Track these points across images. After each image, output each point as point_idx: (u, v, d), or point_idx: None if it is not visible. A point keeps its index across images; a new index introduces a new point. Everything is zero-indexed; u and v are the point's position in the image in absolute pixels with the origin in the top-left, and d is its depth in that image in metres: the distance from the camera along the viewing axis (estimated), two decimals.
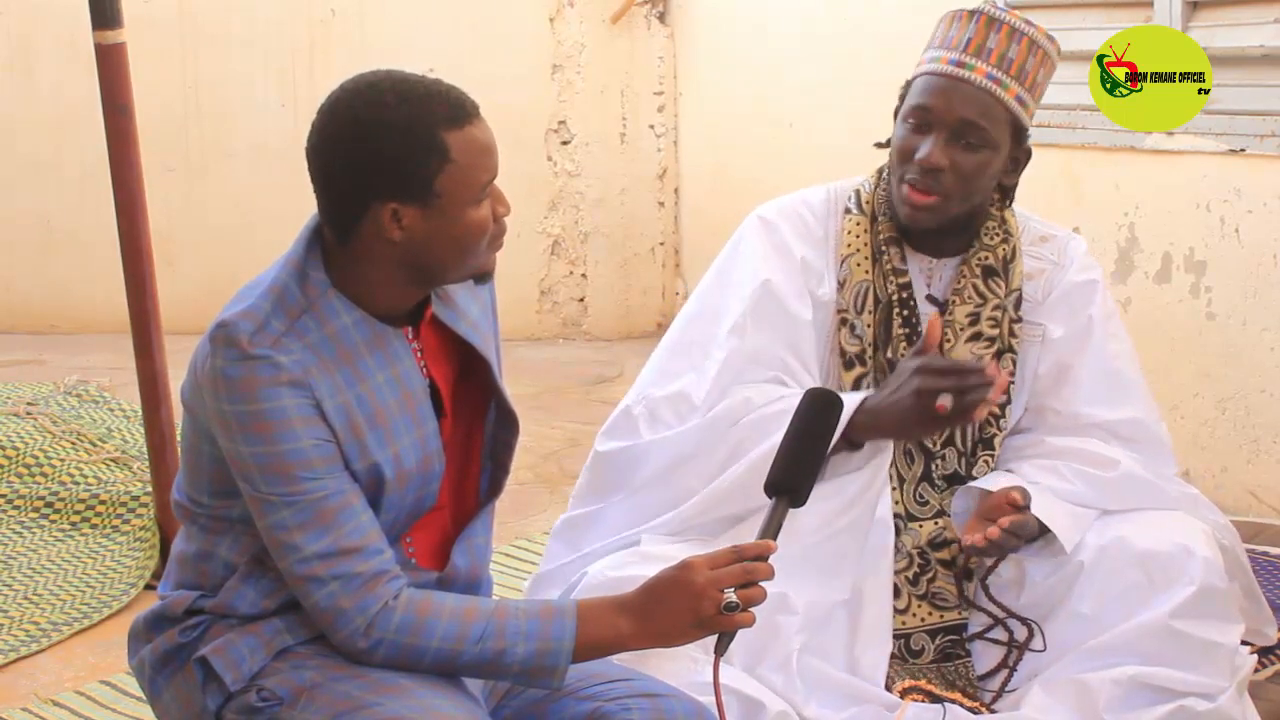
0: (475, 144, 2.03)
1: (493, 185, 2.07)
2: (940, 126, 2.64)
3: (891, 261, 2.74)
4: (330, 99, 2.04)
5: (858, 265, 2.75)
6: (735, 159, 6.32)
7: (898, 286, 2.73)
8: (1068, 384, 2.76)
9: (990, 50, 2.65)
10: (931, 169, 2.63)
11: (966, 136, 2.64)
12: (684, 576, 2.05)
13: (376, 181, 2.00)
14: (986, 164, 2.67)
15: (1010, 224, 2.79)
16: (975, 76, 2.64)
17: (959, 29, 2.69)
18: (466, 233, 2.05)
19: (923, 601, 2.68)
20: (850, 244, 2.76)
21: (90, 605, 3.67)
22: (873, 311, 2.73)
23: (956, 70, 2.66)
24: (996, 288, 2.75)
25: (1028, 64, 2.66)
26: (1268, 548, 3.70)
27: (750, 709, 2.41)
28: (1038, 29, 2.69)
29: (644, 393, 2.74)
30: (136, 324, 3.75)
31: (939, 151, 2.63)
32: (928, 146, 2.64)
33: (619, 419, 2.75)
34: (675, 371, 2.74)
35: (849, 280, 2.75)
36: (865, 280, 2.74)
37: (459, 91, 2.05)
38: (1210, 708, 2.50)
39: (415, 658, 2.04)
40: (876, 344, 2.73)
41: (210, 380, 2.01)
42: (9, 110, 6.73)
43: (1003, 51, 2.65)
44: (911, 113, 2.68)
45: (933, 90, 2.66)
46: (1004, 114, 2.66)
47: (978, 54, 2.65)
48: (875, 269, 2.75)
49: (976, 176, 2.66)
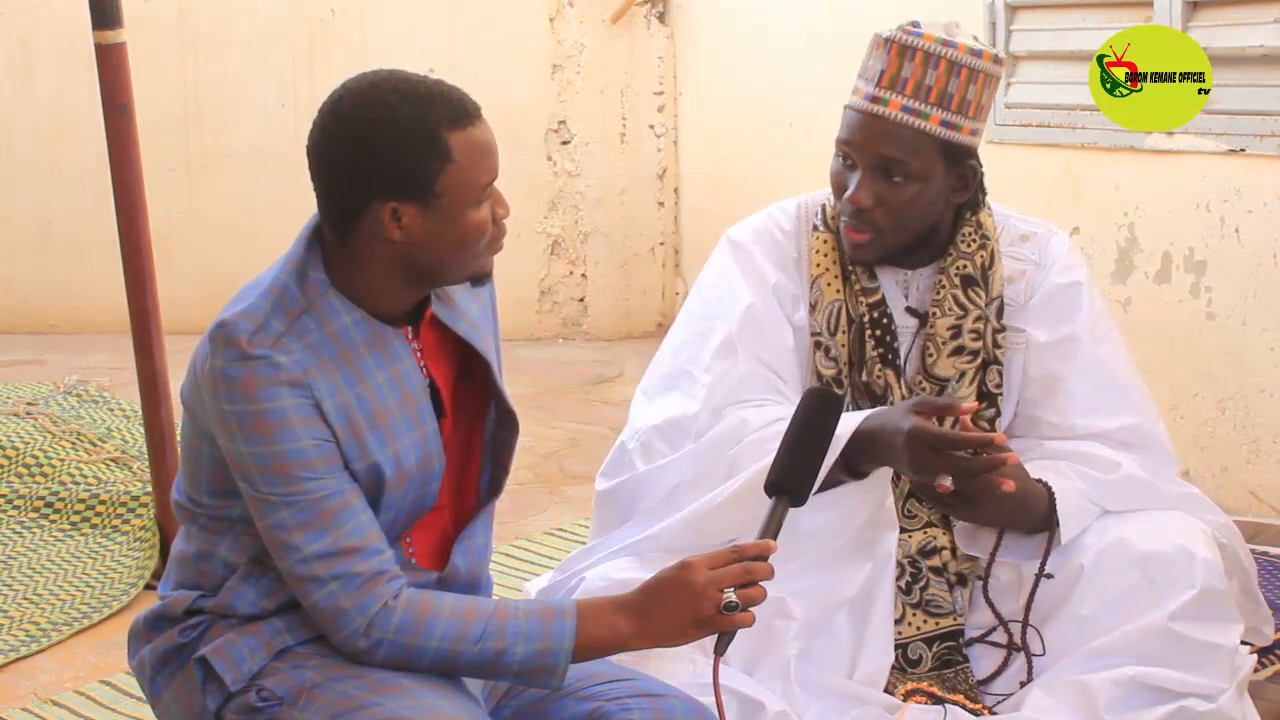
0: (477, 145, 2.03)
1: (493, 187, 2.07)
2: (862, 163, 2.61)
3: (860, 280, 2.70)
4: (332, 97, 2.04)
5: (828, 285, 2.72)
6: (735, 159, 6.32)
7: (868, 306, 2.69)
8: (1060, 395, 2.72)
9: (905, 80, 2.58)
10: (858, 210, 2.61)
11: (890, 172, 2.59)
12: (683, 576, 2.05)
13: (377, 180, 2.00)
14: (917, 195, 2.61)
15: (987, 226, 2.74)
16: (890, 112, 2.58)
17: (875, 60, 2.62)
18: (466, 233, 2.04)
19: (917, 610, 2.67)
20: (819, 264, 2.73)
21: (90, 605, 3.67)
22: (846, 331, 2.70)
23: (871, 106, 2.60)
24: (977, 298, 2.70)
25: (950, 87, 2.58)
26: (1268, 548, 3.70)
27: (750, 709, 2.41)
28: (958, 47, 2.58)
29: (636, 427, 2.73)
30: (136, 324, 3.75)
31: (864, 192, 2.60)
32: (853, 186, 2.61)
33: (615, 456, 2.74)
34: (665, 402, 2.72)
35: (820, 301, 2.71)
36: (837, 299, 2.71)
37: (461, 92, 2.05)
38: (1210, 708, 2.49)
39: (415, 658, 2.04)
40: (851, 363, 2.70)
41: (210, 380, 2.01)
42: (9, 110, 6.73)
43: (919, 79, 2.57)
44: (838, 147, 2.65)
45: (851, 126, 2.62)
46: (930, 143, 2.59)
47: (892, 86, 2.58)
48: (846, 288, 2.71)
49: (908, 209, 2.62)
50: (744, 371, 2.67)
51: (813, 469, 2.21)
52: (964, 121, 2.61)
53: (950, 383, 2.69)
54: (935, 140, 2.59)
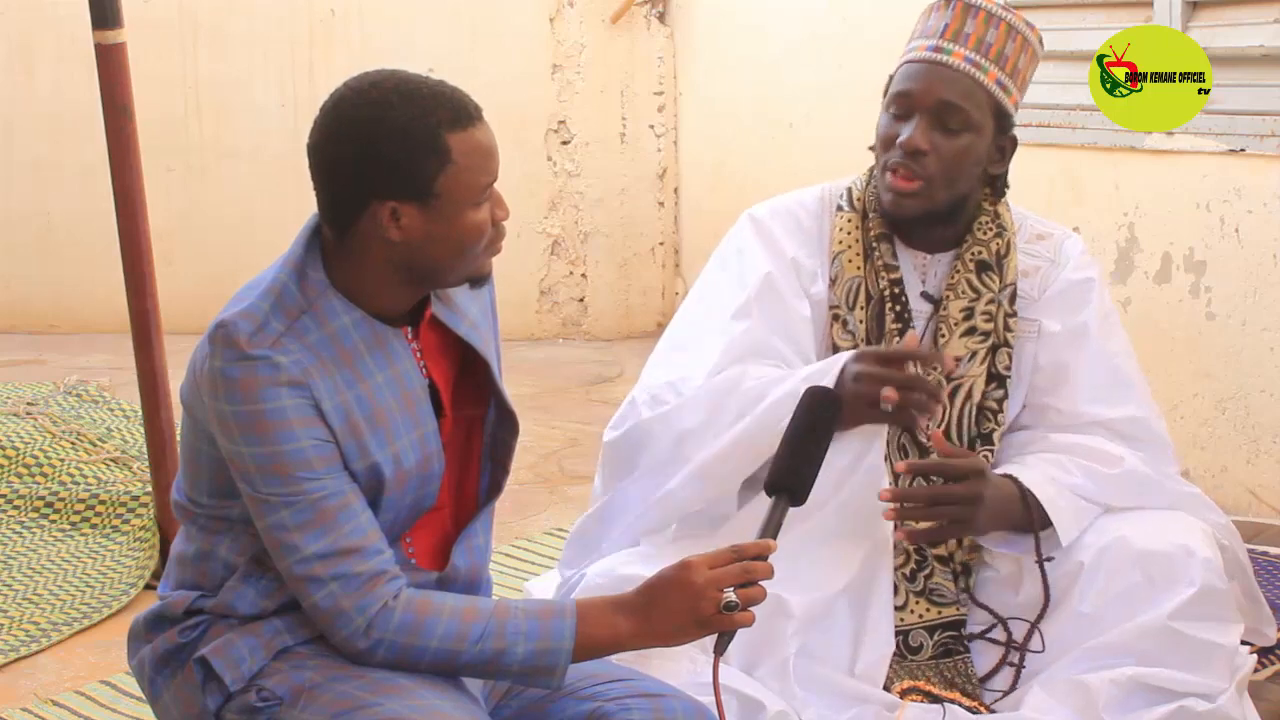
0: (477, 146, 2.03)
1: (492, 189, 2.07)
2: (921, 111, 2.66)
3: (883, 258, 2.74)
4: (333, 96, 2.04)
5: (849, 262, 2.76)
6: (735, 159, 6.32)
7: (889, 282, 2.74)
8: (1068, 383, 2.76)
9: (968, 35, 2.67)
10: (914, 151, 2.64)
11: (947, 119, 2.65)
12: (683, 576, 2.05)
13: (376, 180, 2.00)
14: (969, 148, 2.67)
15: (1004, 218, 2.79)
16: (954, 60, 2.66)
17: (937, 17, 2.71)
18: (464, 235, 2.04)
19: (920, 598, 2.68)
20: (842, 240, 2.77)
21: (90, 605, 3.67)
22: (865, 307, 2.74)
23: (934, 55, 2.68)
24: (990, 282, 2.74)
25: (1007, 49, 2.68)
26: (1267, 547, 3.70)
27: (750, 709, 2.41)
28: (1016, 15, 2.70)
29: (646, 383, 2.74)
30: (136, 323, 3.74)
31: (920, 135, 2.65)
32: (909, 130, 2.65)
33: (624, 410, 2.74)
34: (677, 362, 2.73)
35: (840, 276, 2.75)
36: (857, 276, 2.75)
37: (462, 93, 2.05)
38: (1210, 708, 2.49)
39: (415, 658, 2.04)
40: (869, 339, 2.73)
41: (209, 380, 2.01)
42: (9, 110, 6.73)
43: (980, 36, 2.67)
44: (893, 101, 2.70)
45: (912, 76, 2.69)
46: (985, 97, 2.67)
47: (955, 39, 2.67)
48: (867, 265, 2.75)
49: (960, 160, 2.67)
50: (757, 337, 2.69)
51: (812, 468, 2.21)
52: (1012, 88, 2.71)
53: (962, 362, 2.72)
54: (990, 96, 2.68)
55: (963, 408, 2.72)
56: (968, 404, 2.72)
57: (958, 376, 2.71)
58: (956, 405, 2.72)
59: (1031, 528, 2.61)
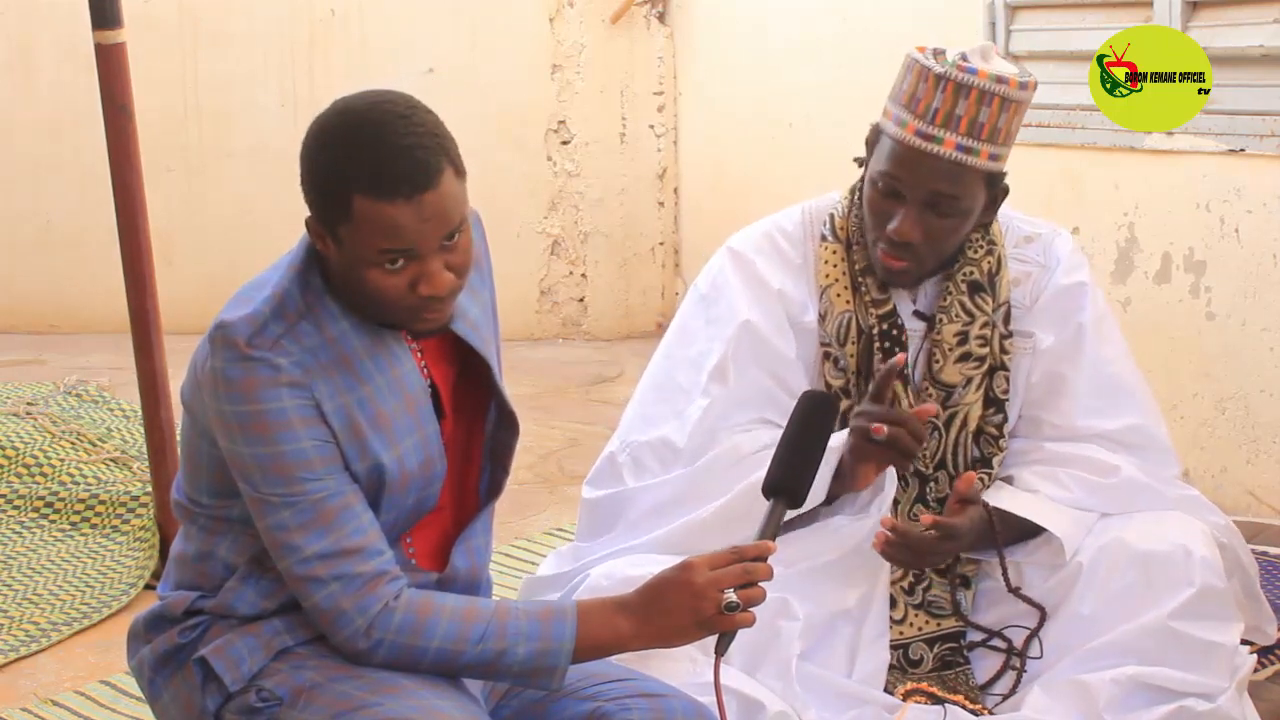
0: (384, 220, 1.95)
1: (424, 262, 1.99)
2: (911, 198, 2.58)
3: (870, 292, 2.69)
4: (335, 102, 2.04)
5: (838, 296, 2.70)
6: (735, 159, 6.32)
7: (878, 317, 2.68)
8: (1064, 396, 2.72)
9: (959, 118, 2.55)
10: (904, 244, 2.59)
11: (938, 206, 2.58)
12: (684, 577, 2.05)
13: (308, 197, 2.02)
14: (960, 225, 2.63)
15: (994, 231, 2.73)
16: (944, 150, 2.55)
17: (925, 94, 2.56)
18: (367, 286, 2.01)
19: (919, 610, 2.68)
20: (828, 274, 2.71)
21: (90, 605, 3.67)
22: (855, 342, 2.69)
23: (923, 144, 2.55)
24: (984, 303, 2.70)
25: (999, 122, 2.56)
26: (1267, 547, 3.70)
27: (750, 709, 2.41)
28: (1009, 83, 2.56)
29: (627, 439, 2.74)
30: (136, 324, 3.75)
31: (910, 226, 2.58)
32: (899, 220, 2.58)
33: (603, 466, 2.75)
34: (658, 416, 2.72)
35: (830, 312, 2.70)
36: (847, 311, 2.70)
37: (426, 163, 1.94)
38: (1210, 708, 2.49)
39: (415, 658, 2.04)
40: (860, 372, 2.69)
41: (210, 381, 2.01)
42: (9, 110, 6.73)
43: (973, 117, 2.55)
44: (880, 177, 2.61)
45: (901, 161, 2.58)
46: (977, 176, 2.59)
47: (946, 124, 2.55)
48: (856, 299, 2.70)
49: (950, 236, 2.63)
50: (737, 396, 2.67)
51: (810, 470, 2.21)
52: (1004, 151, 2.61)
53: (957, 389, 2.69)
54: (982, 172, 2.59)
55: (958, 436, 2.70)
56: (963, 432, 2.70)
57: (953, 404, 2.70)
58: (953, 433, 2.69)
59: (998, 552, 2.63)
